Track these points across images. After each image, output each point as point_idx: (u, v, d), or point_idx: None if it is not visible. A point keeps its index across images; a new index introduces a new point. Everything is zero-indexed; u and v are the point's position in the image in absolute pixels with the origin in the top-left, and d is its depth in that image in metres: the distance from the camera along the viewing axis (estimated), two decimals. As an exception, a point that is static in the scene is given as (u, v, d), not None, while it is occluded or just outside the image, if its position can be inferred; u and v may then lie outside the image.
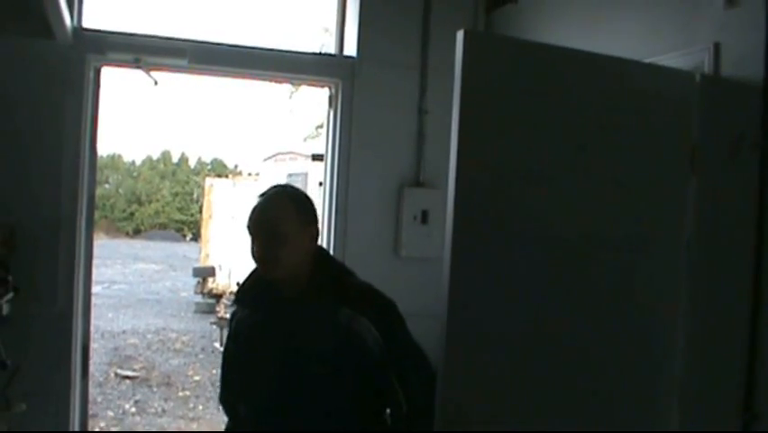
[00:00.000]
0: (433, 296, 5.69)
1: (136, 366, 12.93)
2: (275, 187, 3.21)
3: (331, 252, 5.72)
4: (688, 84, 3.78)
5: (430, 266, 5.79)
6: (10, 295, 4.59)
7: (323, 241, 5.82)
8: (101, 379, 11.71)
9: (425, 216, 5.74)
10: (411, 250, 5.75)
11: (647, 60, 4.10)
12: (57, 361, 5.16)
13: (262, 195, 3.15)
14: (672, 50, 3.99)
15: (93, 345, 5.59)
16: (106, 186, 44.29)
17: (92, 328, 5.70)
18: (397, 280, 5.68)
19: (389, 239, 5.80)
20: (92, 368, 5.65)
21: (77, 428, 5.35)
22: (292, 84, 14.85)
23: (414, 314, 5.70)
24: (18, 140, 5.04)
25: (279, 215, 3.05)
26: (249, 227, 3.07)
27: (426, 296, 5.73)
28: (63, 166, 5.16)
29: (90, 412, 5.75)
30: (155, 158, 49.61)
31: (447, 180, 5.74)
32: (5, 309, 4.56)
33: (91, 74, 5.31)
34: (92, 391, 5.67)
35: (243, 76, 6.01)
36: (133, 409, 10.50)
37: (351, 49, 5.83)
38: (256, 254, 3.06)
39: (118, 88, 5.64)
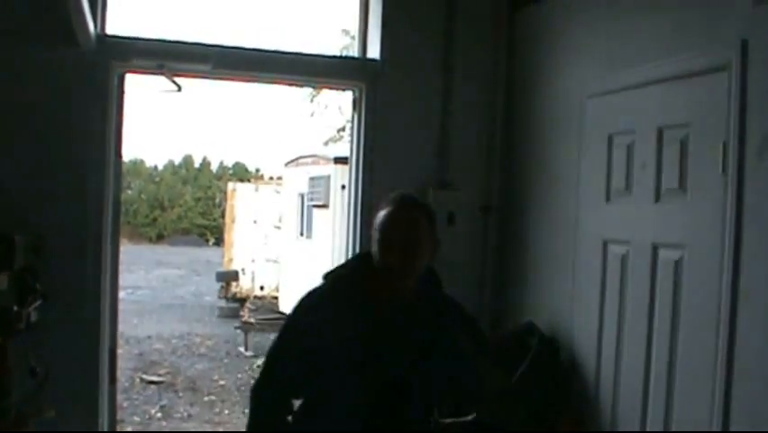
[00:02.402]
0: (459, 296, 5.73)
1: (161, 371, 12.94)
2: (403, 194, 3.22)
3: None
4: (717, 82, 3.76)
5: (455, 267, 5.79)
6: (38, 302, 4.61)
7: (350, 244, 5.82)
8: (126, 384, 11.72)
9: (450, 218, 5.72)
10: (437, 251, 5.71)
11: (673, 59, 4.09)
12: (85, 367, 5.17)
13: (395, 202, 3.14)
14: (699, 48, 3.96)
15: (118, 351, 5.58)
16: (129, 192, 44.34)
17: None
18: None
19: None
20: (118, 373, 5.65)
21: (105, 434, 5.36)
22: (313, 87, 14.87)
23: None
24: (44, 147, 5.07)
25: (420, 224, 3.10)
26: (384, 232, 3.07)
27: (452, 296, 5.75)
28: (89, 172, 5.18)
29: (116, 417, 5.75)
30: (177, 163, 49.72)
31: (471, 182, 5.76)
32: (34, 316, 4.57)
33: (115, 80, 5.33)
34: (118, 396, 5.68)
35: (267, 80, 6.04)
36: (159, 415, 10.51)
37: (374, 51, 5.82)
38: (390, 260, 3.04)
39: (139, 94, 5.64)
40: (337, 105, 17.93)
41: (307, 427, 3.16)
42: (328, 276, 3.28)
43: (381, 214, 3.11)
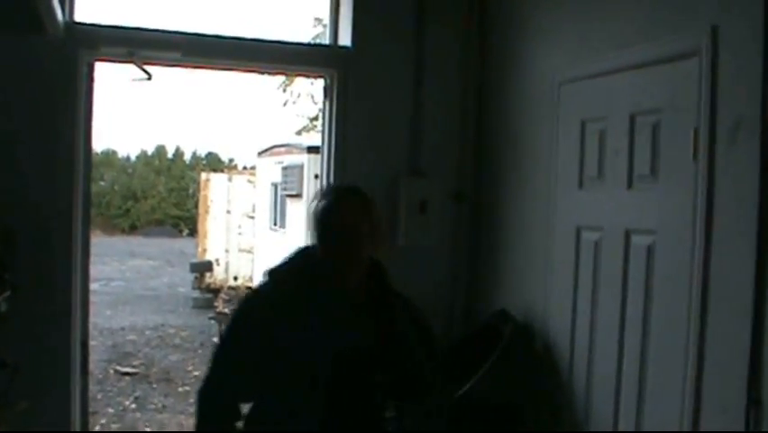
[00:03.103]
0: (432, 284, 5.74)
1: (135, 363, 12.91)
2: (344, 186, 3.33)
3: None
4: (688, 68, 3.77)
5: (428, 255, 5.80)
6: (8, 293, 4.56)
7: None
8: (100, 376, 11.67)
9: (423, 206, 5.71)
10: (410, 239, 5.72)
11: (644, 44, 4.10)
12: (56, 358, 5.14)
13: (334, 193, 3.16)
14: (670, 34, 3.97)
15: (92, 343, 5.56)
16: (101, 183, 44.02)
17: (90, 326, 5.67)
18: (395, 269, 5.69)
19: (387, 229, 5.74)
20: (91, 365, 5.62)
21: (78, 426, 5.32)
22: (286, 76, 14.80)
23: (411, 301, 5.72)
24: (11, 137, 5.00)
25: (361, 214, 3.05)
26: (324, 224, 3.03)
27: (425, 284, 5.76)
28: (58, 163, 5.13)
29: (90, 409, 5.73)
30: (150, 153, 49.46)
31: (444, 169, 5.75)
32: (4, 308, 4.53)
33: (84, 69, 5.26)
34: (92, 388, 5.66)
35: (238, 68, 6.00)
36: (134, 406, 10.48)
37: (345, 38, 5.79)
38: (331, 253, 3.02)
39: (110, 83, 5.58)
40: (309, 95, 17.84)
41: (263, 429, 3.09)
42: (271, 273, 3.20)
43: (320, 206, 3.06)
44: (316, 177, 15.22)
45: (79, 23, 5.23)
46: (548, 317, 5.00)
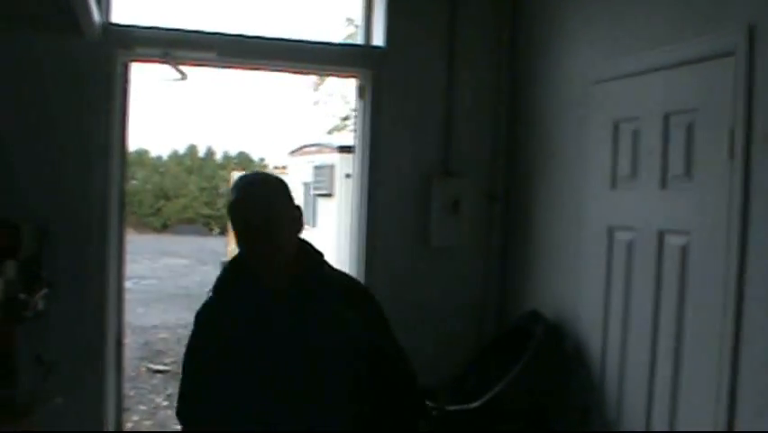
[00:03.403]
0: (463, 284, 5.75)
1: (167, 360, 12.95)
2: (249, 175, 3.02)
3: (363, 243, 5.73)
4: (723, 67, 3.75)
5: (460, 255, 5.81)
6: (44, 291, 4.61)
7: (355, 234, 5.81)
8: (133, 373, 11.73)
9: (456, 206, 5.72)
10: (441, 240, 5.73)
11: (679, 43, 4.08)
12: (91, 355, 5.19)
13: (242, 184, 2.90)
14: (705, 33, 3.94)
15: (124, 340, 5.60)
16: (133, 182, 44.20)
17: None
18: (428, 269, 5.74)
19: (420, 229, 5.78)
20: (124, 362, 5.66)
21: (112, 423, 5.37)
22: (319, 76, 14.85)
23: (445, 301, 5.76)
24: (49, 137, 5.07)
25: (267, 200, 2.84)
26: (235, 221, 2.84)
27: (457, 284, 5.78)
28: (94, 162, 5.18)
29: (123, 406, 5.76)
30: (181, 153, 49.63)
31: (476, 169, 5.76)
32: (41, 305, 4.58)
33: (120, 69, 5.32)
34: (124, 385, 5.69)
35: (272, 68, 6.02)
36: (165, 403, 10.52)
37: (378, 39, 5.81)
38: (250, 247, 2.84)
39: (144, 83, 5.64)
40: (341, 94, 17.90)
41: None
42: (214, 287, 3.07)
43: (229, 204, 2.87)
44: (348, 176, 15.24)
45: (115, 25, 5.28)
46: (579, 318, 4.98)
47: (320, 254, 3.04)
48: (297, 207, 2.93)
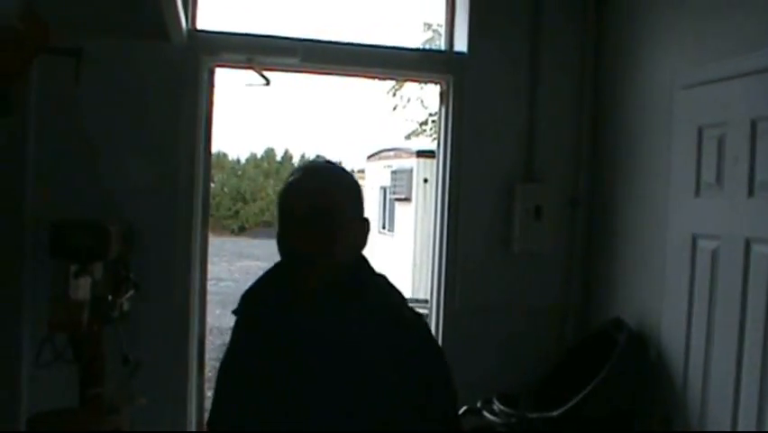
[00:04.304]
0: (545, 290, 5.72)
1: (244, 362, 13.06)
2: (318, 161, 2.52)
3: (444, 248, 5.73)
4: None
5: (542, 261, 5.77)
6: (131, 292, 4.70)
7: (436, 239, 5.81)
8: (210, 374, 11.84)
9: (538, 212, 5.69)
10: (524, 246, 5.70)
11: (766, 49, 4.00)
12: (174, 356, 5.27)
13: (304, 166, 2.43)
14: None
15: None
16: (212, 184, 44.64)
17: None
18: (509, 275, 5.71)
19: (501, 235, 5.75)
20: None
21: (194, 423, 5.45)
22: (399, 80, 14.87)
23: (527, 308, 5.73)
24: (136, 140, 5.17)
25: (330, 192, 2.30)
26: (283, 207, 2.34)
27: (539, 291, 5.74)
28: (179, 165, 5.27)
29: (204, 407, 5.83)
30: (259, 156, 50.05)
31: (558, 174, 5.72)
32: (126, 306, 4.66)
33: (205, 74, 5.40)
34: (205, 385, 5.76)
35: (354, 73, 6.05)
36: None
37: (461, 44, 5.79)
38: (293, 243, 2.31)
39: (224, 87, 5.72)
40: (419, 99, 17.91)
41: None
42: (243, 297, 2.59)
43: (281, 189, 2.38)
44: (425, 181, 15.21)
45: (201, 31, 5.38)
46: (662, 327, 4.91)
47: (371, 271, 2.45)
48: (366, 219, 2.40)
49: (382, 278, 2.44)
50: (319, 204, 2.25)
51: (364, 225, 2.38)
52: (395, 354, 2.24)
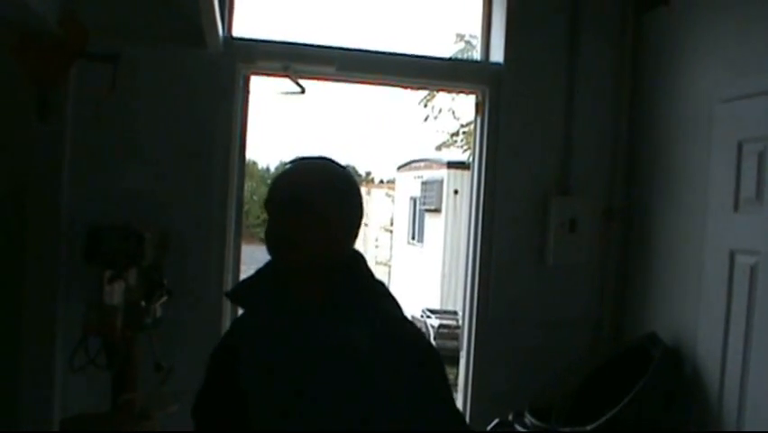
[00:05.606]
0: (580, 303, 5.69)
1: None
2: (311, 156, 2.45)
3: (477, 260, 5.70)
4: None
5: (577, 274, 5.73)
6: (164, 298, 4.70)
7: (469, 251, 5.78)
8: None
9: (572, 225, 5.66)
10: (558, 258, 5.67)
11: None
12: (207, 363, 5.25)
13: (294, 160, 2.43)
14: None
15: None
16: (242, 193, 44.80)
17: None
18: (544, 288, 5.68)
19: (536, 247, 5.72)
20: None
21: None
22: (430, 91, 14.87)
23: (560, 321, 5.70)
24: (171, 146, 5.19)
25: (322, 183, 2.32)
26: (267, 198, 2.34)
27: (573, 304, 5.71)
28: (214, 172, 5.27)
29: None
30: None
31: (594, 187, 5.69)
32: (159, 312, 4.67)
33: (241, 82, 5.41)
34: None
35: (390, 82, 6.03)
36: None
37: (497, 55, 5.77)
38: (271, 234, 2.31)
39: (260, 95, 5.70)
40: (450, 110, 17.88)
41: None
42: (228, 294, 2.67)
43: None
44: (456, 192, 15.19)
45: (237, 38, 5.39)
46: (698, 343, 4.85)
47: (366, 270, 2.41)
48: (358, 213, 2.39)
49: (380, 284, 2.43)
50: (293, 192, 2.28)
51: (354, 217, 2.37)
52: (382, 343, 2.23)
